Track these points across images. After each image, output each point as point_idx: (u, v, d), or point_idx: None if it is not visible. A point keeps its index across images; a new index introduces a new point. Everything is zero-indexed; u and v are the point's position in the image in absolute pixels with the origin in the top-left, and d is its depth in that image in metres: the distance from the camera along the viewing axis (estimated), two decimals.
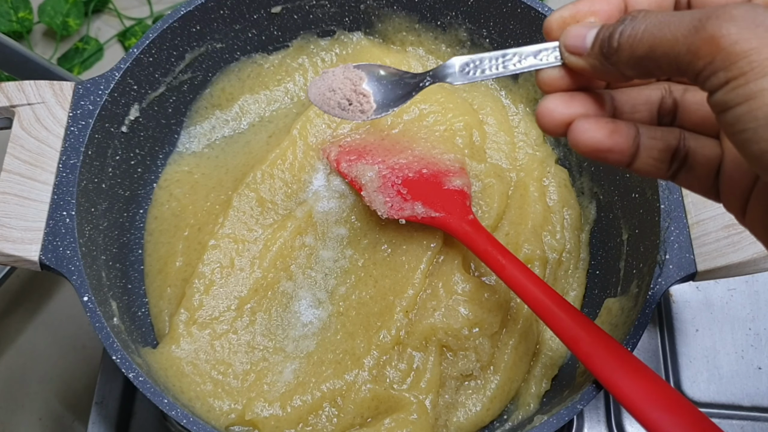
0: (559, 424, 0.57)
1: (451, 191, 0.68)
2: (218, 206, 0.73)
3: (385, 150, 0.72)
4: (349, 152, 0.72)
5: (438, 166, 0.71)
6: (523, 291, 0.57)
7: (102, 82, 0.66)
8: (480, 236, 0.63)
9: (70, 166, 0.63)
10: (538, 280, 0.58)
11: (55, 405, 0.92)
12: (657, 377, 0.49)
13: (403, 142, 0.73)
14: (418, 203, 0.66)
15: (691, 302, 0.79)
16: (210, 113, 0.79)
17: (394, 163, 0.70)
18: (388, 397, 0.64)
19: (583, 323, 0.54)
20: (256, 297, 0.69)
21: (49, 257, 0.60)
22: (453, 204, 0.67)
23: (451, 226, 0.65)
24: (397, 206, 0.67)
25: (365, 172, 0.69)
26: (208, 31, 0.74)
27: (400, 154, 0.71)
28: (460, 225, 0.65)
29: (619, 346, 0.52)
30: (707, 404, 0.74)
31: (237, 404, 0.64)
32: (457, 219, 0.65)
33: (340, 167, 0.71)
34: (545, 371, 0.69)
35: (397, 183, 0.68)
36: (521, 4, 0.72)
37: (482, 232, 0.64)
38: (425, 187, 0.68)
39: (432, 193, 0.68)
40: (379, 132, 0.75)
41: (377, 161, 0.71)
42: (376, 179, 0.68)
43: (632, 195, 0.69)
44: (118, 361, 0.57)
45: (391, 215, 0.67)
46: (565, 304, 0.56)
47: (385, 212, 0.67)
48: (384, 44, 0.82)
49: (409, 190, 0.68)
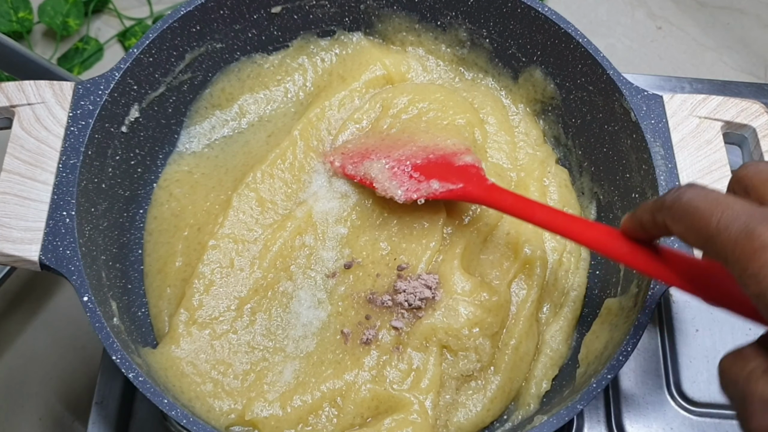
0: (559, 424, 0.57)
1: (463, 166, 0.68)
2: (218, 206, 0.73)
3: (387, 147, 0.72)
4: (352, 156, 0.73)
5: (444, 150, 0.71)
6: (558, 229, 0.60)
7: (102, 82, 0.66)
8: (504, 196, 0.64)
9: (70, 166, 0.63)
10: (565, 216, 0.60)
11: (55, 405, 0.92)
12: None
13: (404, 138, 0.73)
14: (434, 180, 0.67)
15: (691, 302, 0.79)
16: (210, 113, 0.79)
17: (400, 156, 0.71)
18: (388, 397, 0.64)
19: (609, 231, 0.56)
20: (256, 297, 0.69)
21: (49, 257, 0.60)
22: (469, 175, 0.67)
23: (473, 193, 0.65)
24: (413, 188, 0.67)
25: (372, 167, 0.70)
26: (208, 31, 0.74)
27: (403, 148, 0.72)
28: (482, 190, 0.65)
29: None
30: (707, 404, 0.74)
31: (237, 404, 0.64)
32: (476, 186, 0.66)
33: (346, 170, 0.72)
34: (546, 371, 0.69)
35: (407, 171, 0.69)
36: (521, 4, 0.72)
37: (505, 192, 0.64)
38: (436, 168, 0.69)
39: (445, 171, 0.68)
40: (378, 133, 0.75)
41: (382, 158, 0.71)
42: (386, 171, 0.69)
43: (632, 195, 0.69)
44: (117, 361, 0.57)
45: (409, 197, 0.67)
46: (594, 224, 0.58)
47: (402, 195, 0.67)
48: (384, 44, 0.82)
49: (422, 173, 0.68)
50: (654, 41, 1.19)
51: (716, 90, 0.90)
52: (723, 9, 1.22)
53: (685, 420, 0.74)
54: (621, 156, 0.70)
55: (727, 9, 1.21)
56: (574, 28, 0.70)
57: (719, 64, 1.17)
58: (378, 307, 0.68)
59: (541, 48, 0.75)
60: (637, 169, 0.68)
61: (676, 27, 1.20)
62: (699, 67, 1.17)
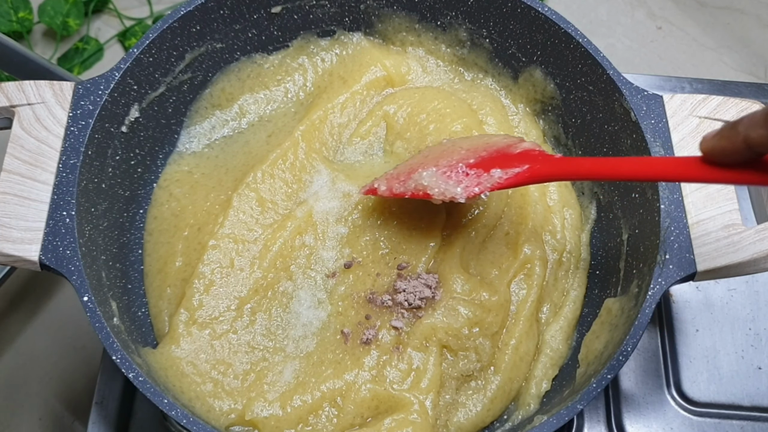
0: (559, 424, 0.57)
1: (524, 152, 0.61)
2: (218, 206, 0.73)
3: (433, 159, 0.66)
4: (397, 176, 0.67)
5: (497, 145, 0.64)
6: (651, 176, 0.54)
7: (102, 82, 0.66)
8: (580, 162, 0.57)
9: (70, 166, 0.63)
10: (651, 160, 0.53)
11: (55, 405, 0.92)
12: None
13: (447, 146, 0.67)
14: (495, 169, 0.60)
15: (691, 302, 0.79)
16: (210, 113, 0.79)
17: (449, 162, 0.64)
18: (388, 397, 0.64)
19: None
20: (256, 297, 0.69)
21: (49, 257, 0.60)
22: (532, 156, 0.60)
23: (542, 171, 0.58)
24: (473, 183, 0.60)
25: (422, 177, 0.63)
26: (208, 31, 0.74)
27: (450, 156, 0.65)
28: (552, 165, 0.58)
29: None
30: (707, 404, 0.74)
31: (237, 404, 0.64)
32: (545, 163, 0.58)
33: (394, 190, 0.66)
34: (546, 372, 0.69)
35: (462, 170, 0.62)
36: (521, 4, 0.72)
37: (579, 159, 0.58)
38: (494, 160, 0.62)
39: (504, 160, 0.61)
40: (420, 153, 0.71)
41: (429, 167, 0.65)
42: (438, 175, 0.63)
43: (632, 195, 0.69)
44: (118, 361, 0.57)
45: (471, 193, 0.60)
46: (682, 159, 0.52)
47: (462, 192, 0.60)
48: (384, 45, 0.82)
49: (479, 168, 0.61)
50: (654, 41, 1.19)
51: (716, 90, 0.90)
52: (723, 9, 1.22)
53: (685, 420, 0.74)
54: (621, 156, 0.70)
55: (727, 9, 1.22)
56: (574, 28, 0.70)
57: (719, 64, 1.17)
58: (378, 307, 0.68)
59: (541, 48, 0.75)
60: None
61: (676, 27, 1.20)
62: (699, 67, 1.17)
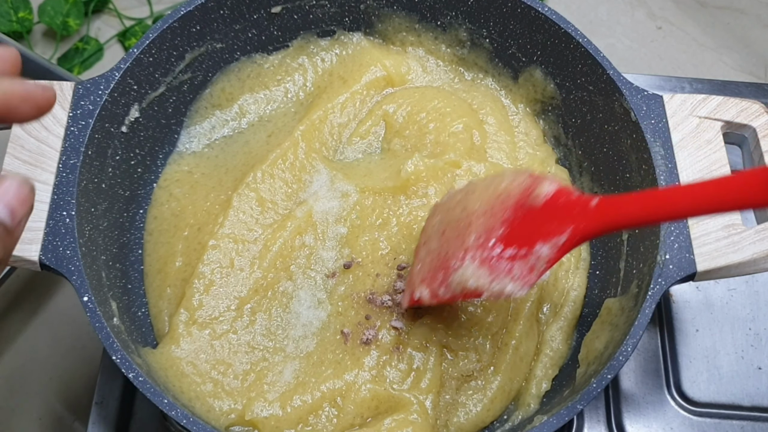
0: (559, 424, 0.56)
1: (549, 203, 0.54)
2: (218, 206, 0.73)
3: (455, 239, 0.59)
4: (432, 277, 0.60)
5: (511, 198, 0.56)
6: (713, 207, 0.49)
7: (102, 82, 0.66)
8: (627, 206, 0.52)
9: (70, 166, 0.63)
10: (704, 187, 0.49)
11: (55, 405, 0.92)
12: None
13: (461, 216, 0.60)
14: (538, 245, 0.54)
15: (691, 302, 0.79)
16: (210, 113, 0.79)
17: (477, 242, 0.57)
18: (388, 397, 0.64)
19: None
20: (256, 297, 0.69)
21: (49, 257, 0.60)
22: (567, 210, 0.54)
23: (587, 230, 0.53)
24: (525, 270, 0.54)
25: (464, 275, 0.56)
26: (208, 31, 0.74)
27: (471, 229, 0.58)
28: (593, 218, 0.53)
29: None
30: (707, 404, 0.74)
31: (237, 404, 0.64)
32: (584, 218, 0.53)
33: (440, 296, 0.59)
34: (546, 371, 0.69)
35: (499, 254, 0.55)
36: (521, 4, 0.72)
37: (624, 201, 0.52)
38: (524, 225, 0.55)
39: (537, 223, 0.54)
40: (429, 230, 0.65)
41: (463, 257, 0.57)
42: (480, 270, 0.56)
43: None
44: (118, 361, 0.57)
45: (528, 283, 0.54)
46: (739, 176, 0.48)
47: (521, 287, 0.54)
48: (384, 45, 0.82)
49: (516, 243, 0.55)
50: (654, 41, 1.19)
51: (716, 90, 0.90)
52: (723, 9, 1.22)
53: (685, 420, 0.74)
54: (621, 156, 0.70)
55: (728, 9, 1.21)
56: (574, 28, 0.70)
57: (719, 63, 1.17)
58: (378, 307, 0.68)
59: (541, 48, 0.75)
60: (637, 169, 0.68)
61: (676, 27, 1.20)
62: (699, 67, 1.17)
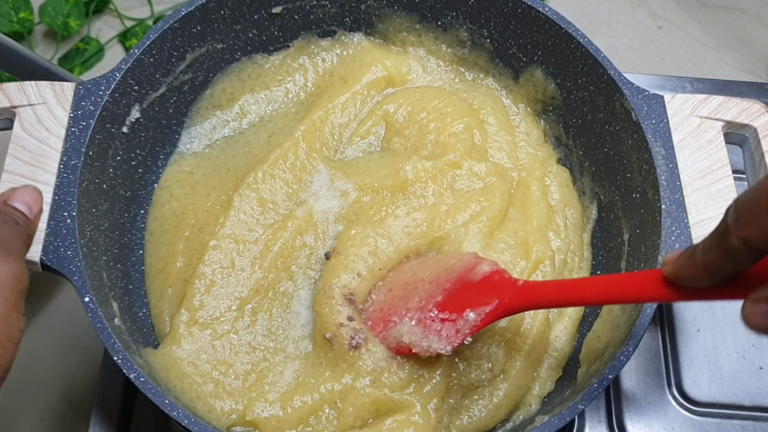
0: (560, 425, 0.56)
1: (485, 279, 0.62)
2: (219, 206, 0.73)
3: (401, 299, 0.66)
4: (373, 326, 0.66)
5: (455, 272, 0.64)
6: (610, 299, 0.56)
7: (103, 82, 0.66)
8: (542, 289, 0.60)
9: (71, 167, 0.63)
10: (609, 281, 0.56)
11: (57, 405, 0.92)
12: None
13: (411, 279, 0.67)
14: (467, 311, 0.61)
15: (692, 302, 0.79)
16: (210, 113, 0.79)
17: (419, 304, 0.64)
18: (389, 401, 0.63)
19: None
20: (257, 297, 0.69)
21: (50, 258, 0.60)
22: (495, 285, 0.62)
23: (510, 305, 0.60)
24: (452, 332, 0.61)
25: (402, 331, 0.63)
26: (209, 32, 0.74)
27: (416, 292, 0.65)
28: (516, 296, 0.60)
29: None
30: (708, 404, 0.74)
31: (238, 404, 0.64)
32: (509, 294, 0.60)
33: (385, 342, 0.65)
34: (550, 373, 0.68)
35: (434, 316, 0.63)
36: (522, 4, 0.72)
37: (543, 287, 0.60)
38: (461, 295, 0.63)
39: (471, 295, 0.62)
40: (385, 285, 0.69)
41: (403, 315, 0.65)
42: (416, 329, 0.63)
43: (633, 195, 0.69)
44: (119, 361, 0.57)
45: (455, 344, 0.61)
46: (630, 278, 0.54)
47: (447, 346, 0.61)
48: (385, 45, 0.82)
49: (450, 309, 0.63)
50: (655, 41, 1.19)
51: (717, 89, 0.90)
52: (724, 8, 1.21)
53: (687, 420, 0.74)
54: (622, 156, 0.70)
55: (728, 8, 1.21)
56: (574, 28, 0.70)
57: (720, 63, 1.17)
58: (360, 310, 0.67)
59: (542, 48, 0.75)
60: (638, 169, 0.68)
61: (677, 26, 1.20)
62: (700, 67, 1.17)
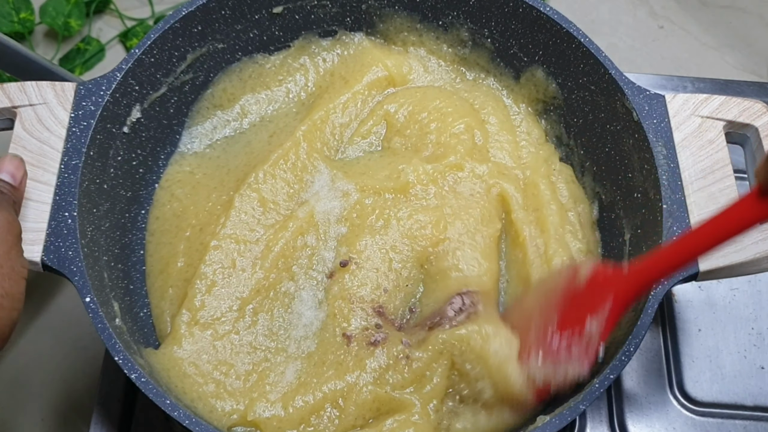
0: (562, 425, 0.56)
1: (591, 281, 0.61)
2: (220, 206, 0.73)
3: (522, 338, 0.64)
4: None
5: (559, 289, 0.63)
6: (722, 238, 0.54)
7: (104, 82, 0.66)
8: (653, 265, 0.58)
9: (72, 167, 0.63)
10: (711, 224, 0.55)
11: (58, 406, 0.92)
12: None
13: (518, 323, 0.65)
14: (588, 319, 0.59)
15: (694, 302, 0.79)
16: (211, 113, 0.79)
17: (536, 336, 0.62)
18: (390, 399, 0.63)
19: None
20: (258, 297, 0.69)
21: (51, 258, 0.60)
22: (606, 283, 0.60)
23: (627, 294, 0.59)
24: (583, 349, 0.60)
25: (533, 373, 0.61)
26: (210, 32, 0.74)
27: (530, 328, 0.63)
28: (628, 282, 0.59)
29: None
30: (710, 404, 0.74)
31: (239, 405, 0.64)
32: (622, 285, 0.59)
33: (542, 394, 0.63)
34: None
35: (557, 340, 0.61)
36: (523, 3, 0.72)
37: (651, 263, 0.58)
38: (575, 307, 0.61)
39: (585, 303, 0.60)
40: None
41: (525, 358, 0.62)
42: (544, 363, 0.61)
43: (635, 195, 0.69)
44: (120, 362, 0.57)
45: (591, 360, 0.59)
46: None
47: (583, 365, 0.59)
48: (385, 45, 0.82)
49: (570, 325, 0.60)
50: (656, 40, 1.19)
51: (718, 89, 0.90)
52: (725, 8, 1.21)
53: (688, 420, 0.74)
54: (623, 156, 0.70)
55: (730, 8, 1.21)
56: (575, 28, 0.70)
57: (721, 63, 1.17)
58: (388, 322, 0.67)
59: (543, 48, 0.74)
60: (639, 169, 0.67)
61: (678, 26, 1.20)
62: (701, 66, 1.16)
